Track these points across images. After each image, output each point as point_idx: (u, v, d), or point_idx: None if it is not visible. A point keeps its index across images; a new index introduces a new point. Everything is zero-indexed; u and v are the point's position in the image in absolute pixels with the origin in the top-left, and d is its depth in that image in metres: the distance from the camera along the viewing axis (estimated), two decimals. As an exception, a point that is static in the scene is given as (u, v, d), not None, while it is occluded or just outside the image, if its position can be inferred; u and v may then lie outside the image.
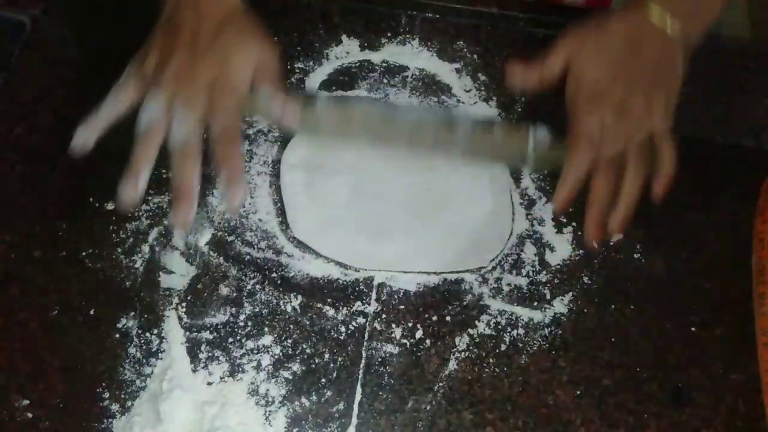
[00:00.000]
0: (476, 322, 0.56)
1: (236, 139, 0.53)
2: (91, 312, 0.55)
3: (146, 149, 0.50)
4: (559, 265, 0.59)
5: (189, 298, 0.56)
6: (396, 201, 0.60)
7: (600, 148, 0.54)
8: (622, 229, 0.54)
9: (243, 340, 0.54)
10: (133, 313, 0.55)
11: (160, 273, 0.56)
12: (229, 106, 0.52)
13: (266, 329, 0.55)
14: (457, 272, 0.58)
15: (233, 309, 0.55)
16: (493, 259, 0.58)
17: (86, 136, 0.51)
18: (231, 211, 0.58)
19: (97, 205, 0.58)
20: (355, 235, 0.58)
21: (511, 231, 0.60)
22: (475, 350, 0.55)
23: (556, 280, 0.58)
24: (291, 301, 0.56)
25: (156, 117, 0.50)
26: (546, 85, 0.56)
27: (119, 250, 0.57)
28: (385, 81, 0.66)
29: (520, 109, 0.66)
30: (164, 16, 0.54)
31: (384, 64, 0.67)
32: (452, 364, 0.54)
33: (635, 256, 0.59)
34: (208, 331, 0.54)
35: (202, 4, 0.53)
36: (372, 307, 0.56)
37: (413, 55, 0.68)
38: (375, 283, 0.57)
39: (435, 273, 0.58)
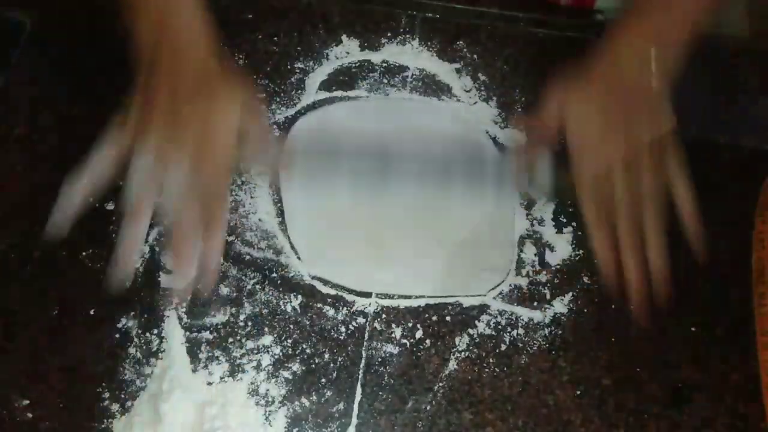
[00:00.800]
0: (476, 322, 0.56)
1: (222, 199, 0.51)
2: (91, 312, 0.55)
3: (141, 207, 0.49)
4: (559, 265, 0.59)
5: (189, 298, 0.55)
6: (396, 214, 0.60)
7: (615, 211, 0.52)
8: (667, 296, 0.52)
9: (243, 340, 0.54)
10: (133, 313, 0.55)
11: (160, 273, 0.56)
12: (218, 161, 0.50)
13: (266, 329, 0.55)
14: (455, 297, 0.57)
15: (233, 309, 0.55)
16: (493, 289, 0.58)
17: (67, 210, 0.49)
18: (205, 285, 0.52)
19: (97, 205, 0.58)
20: (354, 251, 0.58)
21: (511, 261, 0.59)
22: (475, 350, 0.55)
23: (556, 280, 0.58)
24: (291, 301, 0.56)
25: (147, 168, 0.49)
26: (552, 140, 0.56)
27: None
28: (385, 81, 0.66)
29: (520, 109, 0.66)
30: (140, 77, 0.51)
31: (384, 64, 0.67)
32: (452, 364, 0.54)
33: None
34: (208, 331, 0.54)
35: (180, 56, 0.51)
36: (372, 307, 0.56)
37: (413, 55, 0.68)
38: (375, 283, 0.57)
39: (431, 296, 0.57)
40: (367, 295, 0.56)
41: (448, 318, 0.56)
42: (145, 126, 0.49)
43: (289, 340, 0.54)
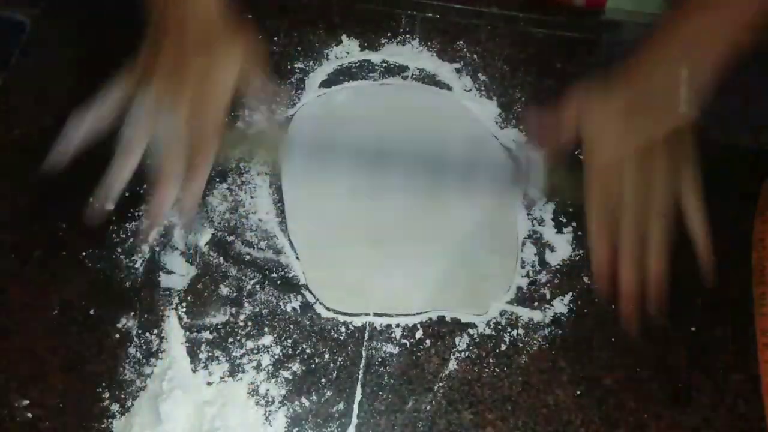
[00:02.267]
0: (476, 322, 0.56)
1: (208, 147, 0.53)
2: (91, 312, 0.55)
3: (132, 147, 0.51)
4: (559, 265, 0.59)
5: (189, 298, 0.56)
6: (395, 212, 0.60)
7: (619, 223, 0.51)
8: (660, 307, 0.51)
9: (243, 340, 0.54)
10: (133, 313, 0.55)
11: (160, 273, 0.56)
12: (211, 112, 0.53)
13: (266, 329, 0.55)
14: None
15: (233, 309, 0.55)
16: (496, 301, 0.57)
17: (68, 144, 0.52)
18: (182, 223, 0.57)
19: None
20: (353, 251, 0.58)
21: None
22: (475, 350, 0.55)
23: (556, 280, 0.58)
24: (291, 301, 0.56)
25: (145, 111, 0.52)
26: (564, 142, 0.54)
27: (119, 250, 0.57)
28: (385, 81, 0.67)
29: (520, 109, 0.66)
30: (151, 25, 0.54)
31: (384, 64, 0.67)
32: (452, 364, 0.54)
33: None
34: (208, 331, 0.54)
35: (187, 12, 0.53)
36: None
37: (413, 55, 0.68)
38: (375, 283, 0.57)
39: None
40: (364, 314, 0.56)
41: (448, 318, 0.56)
42: (148, 75, 0.52)
43: (289, 340, 0.54)
